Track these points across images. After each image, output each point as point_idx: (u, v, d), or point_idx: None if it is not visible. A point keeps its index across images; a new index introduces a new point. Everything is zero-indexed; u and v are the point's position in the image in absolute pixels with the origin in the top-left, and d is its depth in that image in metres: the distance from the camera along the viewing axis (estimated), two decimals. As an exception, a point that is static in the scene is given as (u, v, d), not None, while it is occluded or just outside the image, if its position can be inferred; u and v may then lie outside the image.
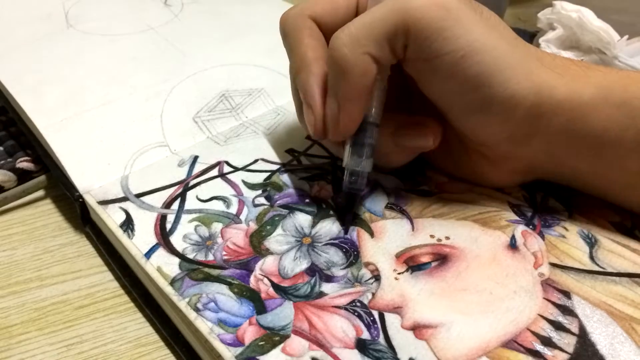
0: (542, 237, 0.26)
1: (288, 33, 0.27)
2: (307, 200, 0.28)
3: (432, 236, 0.26)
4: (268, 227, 0.27)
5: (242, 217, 0.28)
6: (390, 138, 0.27)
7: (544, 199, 0.29)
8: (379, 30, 0.23)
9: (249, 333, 0.22)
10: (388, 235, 0.26)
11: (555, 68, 0.24)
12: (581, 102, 0.24)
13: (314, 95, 0.26)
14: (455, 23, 0.23)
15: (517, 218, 0.27)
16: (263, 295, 0.24)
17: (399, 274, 0.24)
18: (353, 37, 0.23)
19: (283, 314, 0.23)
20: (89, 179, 0.30)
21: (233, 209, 0.28)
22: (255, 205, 0.28)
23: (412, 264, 0.25)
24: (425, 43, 0.23)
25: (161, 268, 0.25)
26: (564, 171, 0.27)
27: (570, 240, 0.26)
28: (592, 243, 0.26)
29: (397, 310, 0.23)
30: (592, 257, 0.25)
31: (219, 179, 0.30)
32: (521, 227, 0.27)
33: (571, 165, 0.26)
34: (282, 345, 0.22)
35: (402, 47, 0.24)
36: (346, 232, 0.27)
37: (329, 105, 0.25)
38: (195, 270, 0.25)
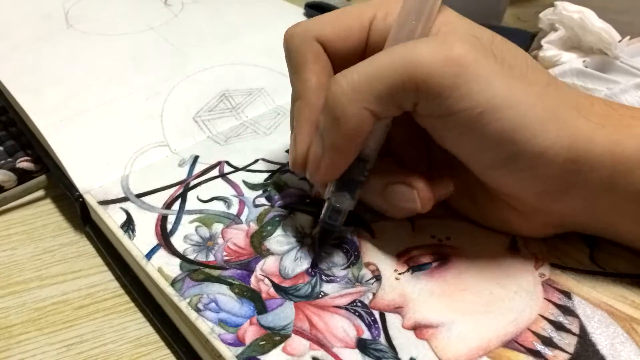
0: (543, 238, 0.26)
1: (291, 53, 0.25)
2: (307, 201, 0.28)
3: (432, 236, 0.26)
4: (269, 228, 0.27)
5: (243, 217, 0.28)
6: (379, 193, 0.25)
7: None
8: (383, 86, 0.21)
9: (250, 333, 0.22)
10: (388, 236, 0.26)
11: (593, 117, 0.21)
12: (624, 155, 0.21)
13: (302, 130, 0.24)
14: (472, 78, 0.20)
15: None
16: (264, 295, 0.24)
17: (399, 274, 0.24)
18: (354, 87, 0.21)
19: (284, 313, 0.23)
20: (89, 178, 0.30)
21: (234, 210, 0.28)
22: (256, 206, 0.28)
23: (412, 264, 0.25)
24: (436, 101, 0.21)
25: (162, 269, 0.25)
26: (604, 227, 0.24)
27: (571, 241, 0.26)
28: (592, 244, 0.26)
29: (397, 310, 0.23)
30: (592, 258, 0.25)
31: (219, 179, 0.30)
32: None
33: (612, 222, 0.24)
34: (282, 344, 0.22)
35: (411, 104, 0.21)
36: (313, 265, 0.25)
37: (315, 146, 0.23)
38: (196, 271, 0.25)
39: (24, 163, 0.34)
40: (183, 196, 0.29)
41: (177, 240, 0.26)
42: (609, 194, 0.22)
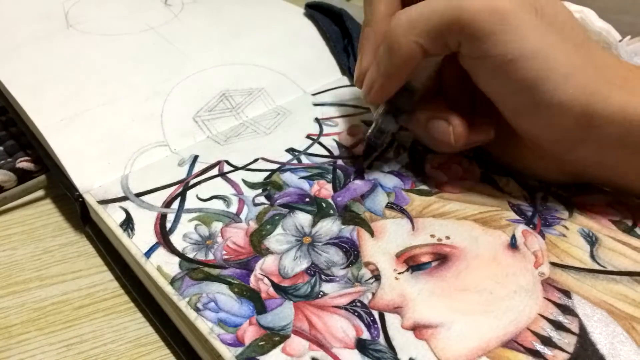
0: (543, 236, 0.26)
1: None
2: (307, 200, 0.28)
3: (432, 236, 0.26)
4: (268, 227, 0.27)
5: (242, 216, 0.28)
6: (423, 126, 0.28)
7: (544, 198, 0.29)
8: (434, 24, 0.24)
9: (249, 333, 0.22)
10: (388, 235, 0.26)
11: (615, 79, 0.24)
12: (636, 115, 0.23)
13: (366, 53, 0.29)
14: (508, 28, 0.23)
15: (517, 217, 0.27)
16: (263, 295, 0.24)
17: (399, 273, 0.24)
18: (410, 22, 0.25)
19: (283, 314, 0.23)
20: (89, 178, 0.30)
21: (233, 208, 0.28)
22: (256, 205, 0.28)
23: (412, 263, 0.25)
24: (476, 43, 0.24)
25: (161, 267, 0.25)
26: (615, 179, 0.27)
27: (570, 239, 0.26)
28: (592, 242, 0.26)
29: (397, 310, 0.23)
30: (592, 256, 0.25)
31: (219, 178, 0.30)
32: (521, 227, 0.27)
33: (622, 175, 0.27)
34: (282, 345, 0.22)
35: (456, 44, 0.25)
36: (358, 174, 0.30)
37: (371, 71, 0.28)
38: (195, 270, 0.25)
39: (24, 163, 0.34)
40: (182, 195, 0.29)
41: (176, 239, 0.26)
42: (621, 149, 0.25)
